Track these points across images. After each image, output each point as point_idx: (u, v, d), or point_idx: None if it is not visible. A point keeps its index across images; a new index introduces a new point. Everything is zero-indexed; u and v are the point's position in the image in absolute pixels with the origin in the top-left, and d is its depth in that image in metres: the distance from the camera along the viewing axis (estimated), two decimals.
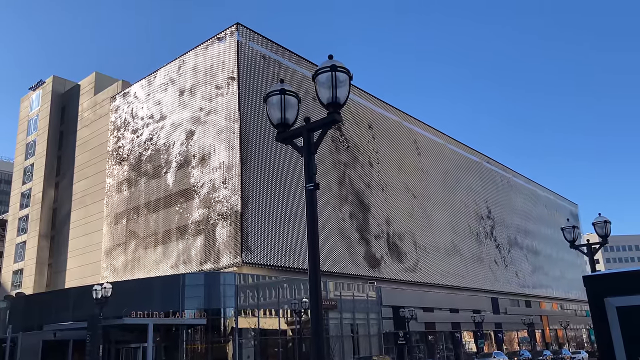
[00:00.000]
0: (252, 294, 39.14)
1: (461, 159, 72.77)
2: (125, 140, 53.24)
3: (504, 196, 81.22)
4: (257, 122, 42.70)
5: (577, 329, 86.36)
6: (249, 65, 44.22)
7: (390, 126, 59.92)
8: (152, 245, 46.80)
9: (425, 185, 62.95)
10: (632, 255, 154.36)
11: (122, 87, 57.16)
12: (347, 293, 46.24)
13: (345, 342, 44.82)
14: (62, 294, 46.95)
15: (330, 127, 6.92)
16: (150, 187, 48.83)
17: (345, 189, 50.50)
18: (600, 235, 16.57)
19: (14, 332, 36.76)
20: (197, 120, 45.77)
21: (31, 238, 62.31)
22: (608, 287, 3.99)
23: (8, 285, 63.66)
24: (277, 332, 40.04)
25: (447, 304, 59.23)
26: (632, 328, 3.79)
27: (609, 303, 3.89)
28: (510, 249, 78.37)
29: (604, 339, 3.89)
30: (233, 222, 40.48)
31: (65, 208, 60.46)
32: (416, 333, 52.77)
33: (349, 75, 6.75)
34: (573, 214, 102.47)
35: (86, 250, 55.18)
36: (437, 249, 61.57)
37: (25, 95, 70.78)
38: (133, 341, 36.05)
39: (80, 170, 59.48)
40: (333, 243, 46.86)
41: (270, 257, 41.42)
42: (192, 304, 37.04)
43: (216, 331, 37.25)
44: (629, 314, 3.80)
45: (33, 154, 65.78)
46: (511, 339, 69.80)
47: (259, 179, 42.36)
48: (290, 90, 7.14)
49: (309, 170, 6.74)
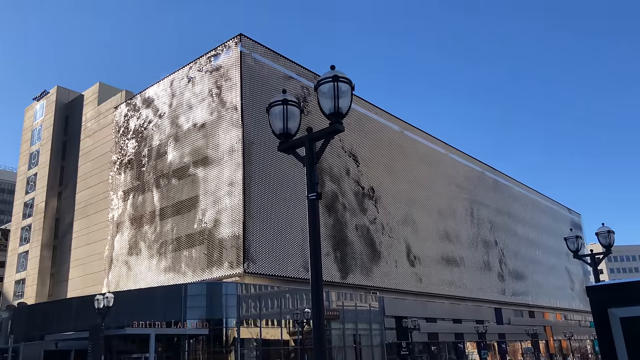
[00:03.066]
0: (254, 304, 39.03)
1: (463, 169, 72.74)
2: (128, 150, 53.39)
3: (507, 206, 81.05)
4: (259, 132, 42.81)
5: (582, 339, 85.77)
6: (252, 75, 44.40)
7: (391, 136, 59.98)
8: (155, 255, 46.78)
9: (426, 195, 62.86)
10: (636, 265, 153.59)
11: (126, 97, 57.41)
12: (349, 303, 46.08)
13: (348, 353, 44.59)
14: (64, 303, 46.87)
15: (332, 137, 6.95)
16: (152, 197, 48.89)
17: (345, 197, 50.47)
18: (603, 245, 16.51)
19: (16, 342, 36.73)
20: (200, 130, 45.90)
21: (33, 248, 62.33)
22: (611, 297, 3.97)
23: (10, 295, 63.60)
24: (279, 343, 39.89)
25: (450, 314, 58.93)
26: (635, 339, 3.77)
27: (613, 314, 3.86)
28: (514, 259, 78.07)
29: (608, 350, 3.86)
30: (235, 232, 40.46)
31: (68, 218, 60.54)
32: (419, 343, 52.48)
33: (351, 86, 6.79)
34: (576, 223, 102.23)
35: (88, 260, 55.16)
36: (439, 259, 61.38)
37: (29, 106, 71.16)
38: (135, 351, 35.94)
39: (83, 180, 59.63)
40: (335, 252, 46.78)
41: (273, 267, 41.35)
42: (194, 314, 36.94)
43: (218, 341, 37.12)
44: (633, 324, 3.78)
45: (36, 164, 65.99)
46: (515, 350, 69.34)
47: (261, 188, 42.39)
48: (292, 100, 7.18)
49: (311, 180, 6.76)
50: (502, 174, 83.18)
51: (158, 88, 51.79)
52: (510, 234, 79.33)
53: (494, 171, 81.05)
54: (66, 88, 68.02)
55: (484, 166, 78.83)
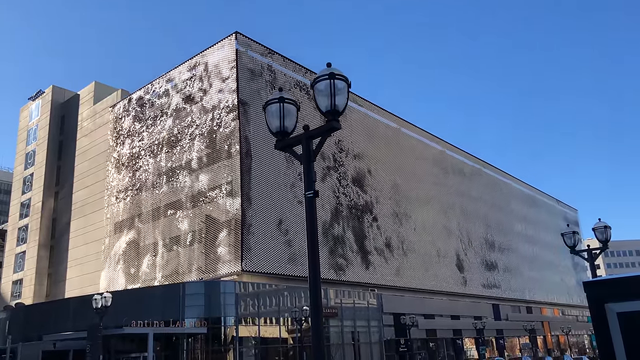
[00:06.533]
0: (253, 302, 39.04)
1: (460, 166, 72.81)
2: (125, 149, 53.28)
3: (504, 202, 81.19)
4: (256, 130, 42.77)
5: (579, 334, 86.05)
6: (248, 73, 44.32)
7: (387, 133, 59.99)
8: (152, 254, 46.72)
9: (423, 191, 62.91)
10: (633, 260, 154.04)
11: (122, 96, 57.26)
12: (347, 300, 46.10)
13: (347, 350, 44.64)
14: (62, 303, 46.78)
15: (329, 135, 6.94)
16: (149, 196, 48.82)
17: (343, 197, 50.48)
18: (600, 241, 16.56)
19: (14, 343, 36.57)
20: (197, 128, 45.83)
21: (31, 248, 62.20)
22: (609, 292, 3.98)
23: (7, 296, 63.48)
24: (277, 341, 39.90)
25: (448, 310, 59.05)
26: (633, 334, 3.78)
27: (610, 309, 3.88)
28: (511, 255, 78.22)
29: (605, 345, 3.88)
30: (233, 230, 40.44)
31: (65, 218, 60.40)
32: (417, 340, 52.56)
33: (348, 83, 6.77)
34: (573, 219, 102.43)
35: (86, 260, 55.07)
36: (436, 256, 61.46)
37: (24, 105, 70.92)
38: (133, 351, 35.90)
39: (80, 179, 59.48)
40: (332, 250, 46.82)
41: (271, 265, 41.35)
42: (193, 312, 36.91)
43: (217, 340, 37.11)
44: (630, 319, 3.79)
45: (33, 164, 65.80)
46: (513, 345, 69.56)
47: (258, 186, 42.35)
48: (289, 98, 7.16)
49: (309, 177, 6.76)
50: (498, 170, 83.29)
51: (153, 87, 51.65)
52: (507, 230, 79.45)
53: (490, 167, 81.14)
54: (62, 87, 67.86)
55: (481, 162, 78.91)
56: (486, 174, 79.09)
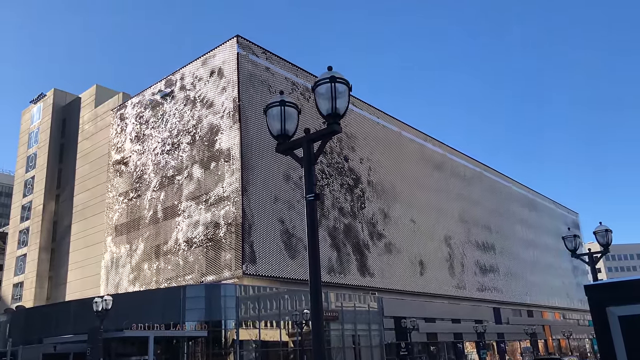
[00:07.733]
0: (253, 305, 39.00)
1: (461, 169, 72.81)
2: (126, 152, 53.32)
3: (505, 206, 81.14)
4: (257, 133, 42.80)
5: (580, 338, 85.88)
6: (249, 76, 44.38)
7: (389, 137, 60.01)
8: (153, 258, 46.71)
9: (425, 195, 62.90)
10: (634, 264, 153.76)
11: (123, 100, 57.33)
12: (348, 304, 46.06)
13: (347, 354, 44.57)
14: (63, 306, 46.77)
15: (330, 138, 6.95)
16: (150, 199, 48.83)
17: (342, 199, 50.47)
18: (601, 244, 16.55)
19: (14, 346, 36.59)
20: (197, 132, 45.87)
21: (32, 251, 62.20)
22: (610, 296, 3.97)
23: (8, 299, 63.45)
24: (278, 344, 39.85)
25: (449, 314, 58.97)
26: (634, 337, 3.77)
27: (611, 312, 3.87)
28: (512, 258, 78.13)
29: (607, 349, 3.86)
30: (234, 234, 40.43)
31: (66, 221, 60.42)
32: (418, 344, 52.48)
33: (349, 87, 6.78)
34: (574, 222, 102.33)
35: (87, 263, 55.05)
36: (437, 260, 61.41)
37: (26, 108, 71.03)
38: (134, 354, 35.85)
39: (81, 182, 59.51)
40: (331, 253, 46.78)
41: (271, 268, 41.31)
42: (193, 316, 36.90)
43: (217, 343, 37.07)
44: (632, 323, 3.78)
45: (34, 167, 65.86)
46: (514, 349, 69.42)
47: (259, 190, 42.36)
48: (289, 101, 7.17)
49: (309, 180, 6.76)
50: (499, 174, 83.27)
51: (155, 90, 51.73)
52: (507, 234, 79.38)
53: (491, 171, 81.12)
54: (63, 91, 67.95)
55: (482, 166, 78.91)
56: (487, 177, 79.08)
